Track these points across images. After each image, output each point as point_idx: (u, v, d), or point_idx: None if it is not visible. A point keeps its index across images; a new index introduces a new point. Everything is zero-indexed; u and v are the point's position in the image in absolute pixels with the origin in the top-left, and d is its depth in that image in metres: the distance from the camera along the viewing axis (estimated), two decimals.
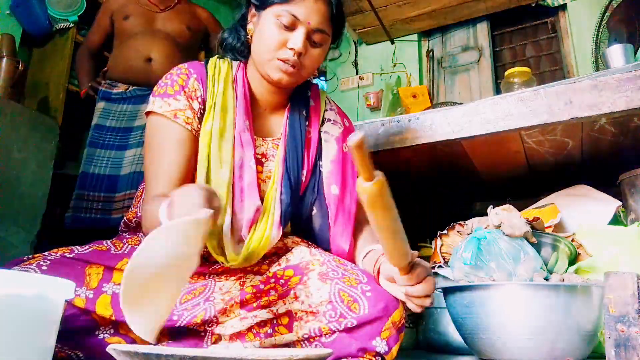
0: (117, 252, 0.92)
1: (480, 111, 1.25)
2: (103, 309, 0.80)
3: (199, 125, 0.96)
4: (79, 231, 1.80)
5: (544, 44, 3.47)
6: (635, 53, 1.55)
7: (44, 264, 0.80)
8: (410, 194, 1.85)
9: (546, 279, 1.02)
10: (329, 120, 1.10)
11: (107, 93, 1.99)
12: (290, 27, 0.92)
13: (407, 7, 3.34)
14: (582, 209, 1.39)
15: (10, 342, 0.52)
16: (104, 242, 0.94)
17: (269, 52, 0.94)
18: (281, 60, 0.93)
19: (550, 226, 1.30)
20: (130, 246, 0.94)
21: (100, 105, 1.97)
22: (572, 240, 1.24)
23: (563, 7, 3.33)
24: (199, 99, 0.97)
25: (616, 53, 1.52)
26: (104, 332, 0.80)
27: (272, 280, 0.90)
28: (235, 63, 1.05)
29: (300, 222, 1.04)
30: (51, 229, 1.81)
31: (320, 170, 1.04)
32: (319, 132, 1.07)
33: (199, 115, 0.96)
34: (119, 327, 0.81)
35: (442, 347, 1.26)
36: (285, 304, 0.85)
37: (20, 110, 1.76)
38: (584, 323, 0.90)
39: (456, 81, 3.62)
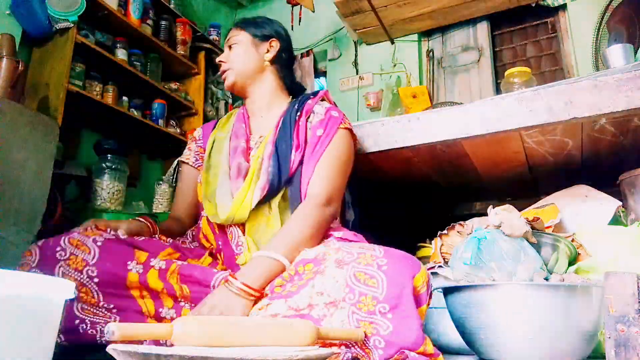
0: (163, 244, 1.08)
1: (480, 111, 1.25)
2: (154, 282, 0.93)
3: (199, 161, 1.30)
4: None
5: (544, 44, 3.46)
6: (635, 53, 1.55)
7: (99, 239, 0.95)
8: (411, 194, 1.85)
9: (546, 279, 1.02)
10: (314, 112, 1.23)
11: None
12: None
13: (407, 7, 3.33)
14: (582, 209, 1.39)
15: (10, 343, 0.52)
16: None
17: None
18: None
19: (550, 226, 1.30)
20: (172, 240, 1.14)
21: None
22: (572, 240, 1.24)
23: (563, 7, 3.33)
24: (199, 144, 1.34)
25: (616, 53, 1.52)
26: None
27: (293, 272, 0.93)
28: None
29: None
30: (51, 229, 1.81)
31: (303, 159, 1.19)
32: (306, 122, 1.21)
33: (199, 153, 1.32)
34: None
35: (441, 347, 1.26)
36: (304, 298, 0.85)
37: (20, 110, 1.76)
38: (584, 323, 0.90)
39: (456, 81, 3.62)
